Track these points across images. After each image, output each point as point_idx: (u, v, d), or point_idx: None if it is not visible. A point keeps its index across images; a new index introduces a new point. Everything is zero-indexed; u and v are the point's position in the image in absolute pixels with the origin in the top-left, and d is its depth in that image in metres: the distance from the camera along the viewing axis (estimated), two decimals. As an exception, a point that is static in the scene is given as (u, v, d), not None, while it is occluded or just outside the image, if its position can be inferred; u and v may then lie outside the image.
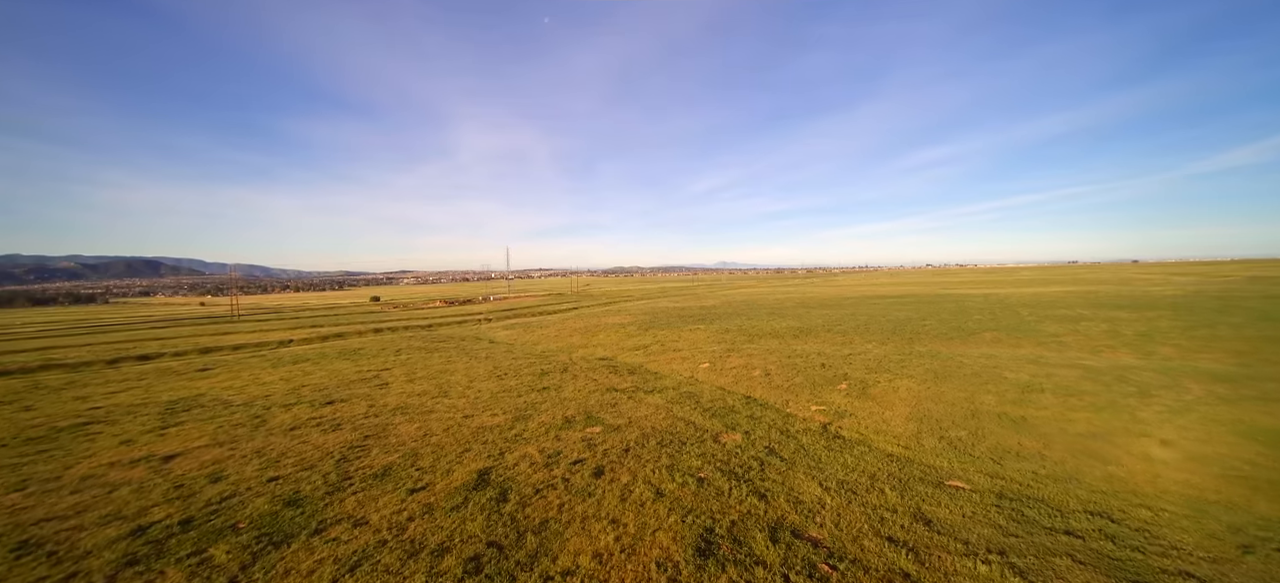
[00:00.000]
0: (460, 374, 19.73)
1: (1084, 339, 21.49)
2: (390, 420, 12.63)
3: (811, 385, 15.98)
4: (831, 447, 10.29)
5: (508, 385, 17.16)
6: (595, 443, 10.34)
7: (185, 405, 16.08)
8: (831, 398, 14.42)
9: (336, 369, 22.20)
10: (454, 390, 16.55)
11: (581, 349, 27.05)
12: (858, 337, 25.77)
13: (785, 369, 18.50)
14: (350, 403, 15.10)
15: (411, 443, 10.67)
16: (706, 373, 18.94)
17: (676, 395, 15.22)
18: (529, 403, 14.35)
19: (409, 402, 14.93)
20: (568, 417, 12.56)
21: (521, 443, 10.48)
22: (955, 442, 10.36)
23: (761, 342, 25.93)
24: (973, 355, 19.09)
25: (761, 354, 21.80)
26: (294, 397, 16.53)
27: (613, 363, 21.86)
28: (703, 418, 12.38)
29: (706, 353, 23.09)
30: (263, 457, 10.19)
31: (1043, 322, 27.86)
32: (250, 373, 22.35)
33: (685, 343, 26.89)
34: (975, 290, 62.71)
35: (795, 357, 20.83)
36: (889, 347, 22.40)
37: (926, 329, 27.20)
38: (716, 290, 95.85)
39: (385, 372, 20.86)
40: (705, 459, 9.34)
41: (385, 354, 26.59)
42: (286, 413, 14.08)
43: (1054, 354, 18.67)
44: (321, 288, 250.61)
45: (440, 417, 12.84)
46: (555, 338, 31.99)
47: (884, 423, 11.89)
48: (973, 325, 27.62)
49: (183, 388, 19.44)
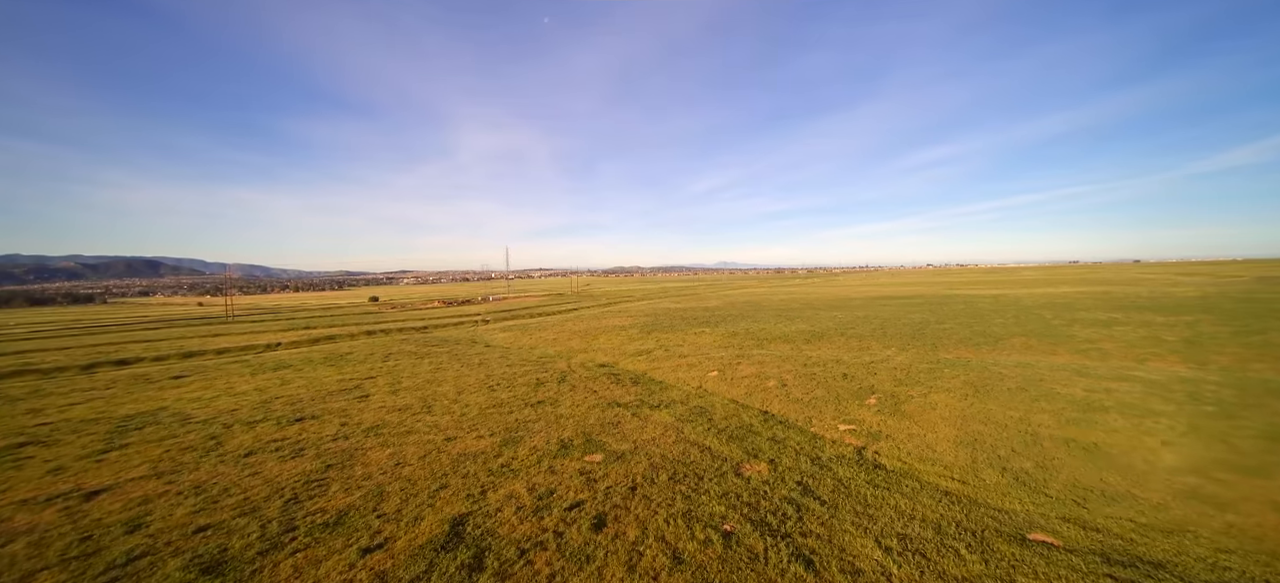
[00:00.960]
0: (449, 384, 18.12)
1: (1124, 346, 19.86)
2: (361, 445, 11.01)
3: (835, 399, 14.37)
4: (875, 481, 8.68)
5: (499, 398, 15.55)
6: (596, 478, 8.73)
7: (141, 422, 14.47)
8: (861, 415, 12.81)
9: (317, 377, 20.59)
10: (439, 404, 14.93)
11: (581, 354, 25.45)
12: (875, 342, 24.16)
13: (803, 380, 16.89)
14: (321, 420, 13.49)
15: (379, 476, 9.07)
16: (716, 383, 17.34)
17: (686, 411, 13.61)
18: (521, 421, 12.73)
19: (387, 419, 13.32)
20: (564, 440, 10.95)
21: (508, 477, 8.87)
22: (1022, 476, 8.75)
23: (772, 347, 24.33)
24: (1007, 365, 17.46)
25: (774, 361, 20.18)
26: (262, 411, 14.93)
27: (614, 370, 20.25)
28: (719, 442, 10.77)
29: (714, 359, 21.48)
30: (201, 494, 8.59)
31: (1070, 326, 26.23)
32: (225, 381, 20.75)
33: (691, 348, 25.29)
34: (983, 291, 61.06)
35: (812, 365, 19.21)
36: (911, 354, 20.79)
37: (947, 334, 25.58)
38: (718, 291, 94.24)
39: (368, 381, 19.24)
40: (729, 502, 7.73)
41: (373, 360, 24.99)
42: (247, 433, 12.48)
43: (1098, 364, 17.04)
44: (321, 288, 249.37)
45: (419, 440, 11.23)
46: (554, 342, 30.39)
47: (929, 448, 10.28)
48: (997, 330, 25.98)
49: (148, 399, 17.84)
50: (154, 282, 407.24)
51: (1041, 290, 57.95)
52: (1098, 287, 61.63)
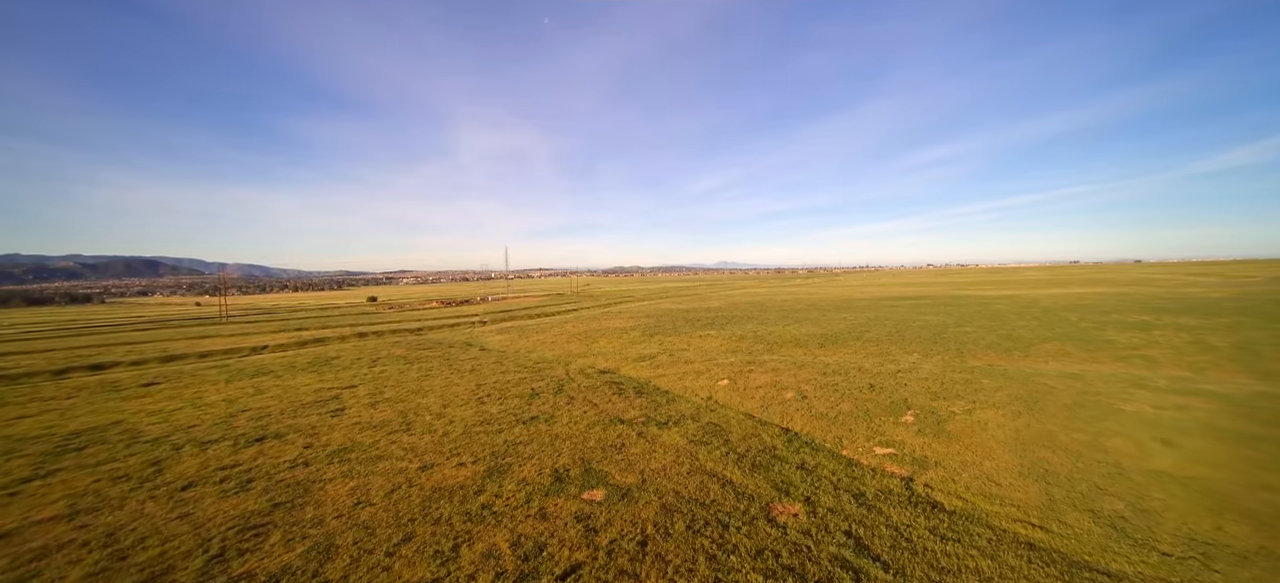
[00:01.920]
0: (436, 395, 16.52)
1: (1172, 353, 18.24)
2: (320, 475, 9.41)
3: (866, 415, 12.76)
4: (939, 529, 7.08)
5: (488, 413, 13.94)
6: (596, 526, 7.13)
7: (87, 440, 12.88)
8: (898, 435, 11.21)
9: (295, 386, 19.00)
10: (420, 421, 13.33)
11: (580, 359, 23.85)
12: (894, 347, 22.54)
13: (825, 391, 15.28)
14: (284, 441, 11.89)
15: (332, 522, 7.47)
16: (728, 393, 15.73)
17: (698, 430, 12.01)
18: (511, 443, 11.13)
19: (358, 440, 11.71)
20: (559, 469, 9.35)
21: (489, 525, 7.26)
22: (1119, 522, 7.15)
23: (784, 352, 22.72)
24: (1051, 375, 15.85)
25: (789, 369, 18.57)
26: (222, 428, 13.33)
27: (616, 378, 18.65)
28: (741, 472, 9.17)
29: (723, 366, 19.87)
30: (111, 547, 7.00)
31: (1102, 329, 24.59)
32: (196, 390, 19.15)
33: (697, 352, 23.68)
34: (994, 292, 59.42)
35: (831, 373, 17.59)
36: (937, 361, 19.17)
37: (970, 338, 23.95)
38: (719, 291, 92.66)
39: (348, 391, 17.64)
40: (765, 564, 6.14)
41: (358, 365, 23.40)
42: (197, 457, 10.88)
43: (1152, 374, 15.43)
44: (321, 288, 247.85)
45: (389, 469, 9.63)
46: (552, 345, 28.79)
47: (990, 480, 8.68)
48: (1024, 334, 24.35)
49: (107, 411, 16.25)
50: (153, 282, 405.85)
51: (1054, 291, 56.34)
52: (1110, 287, 60.02)
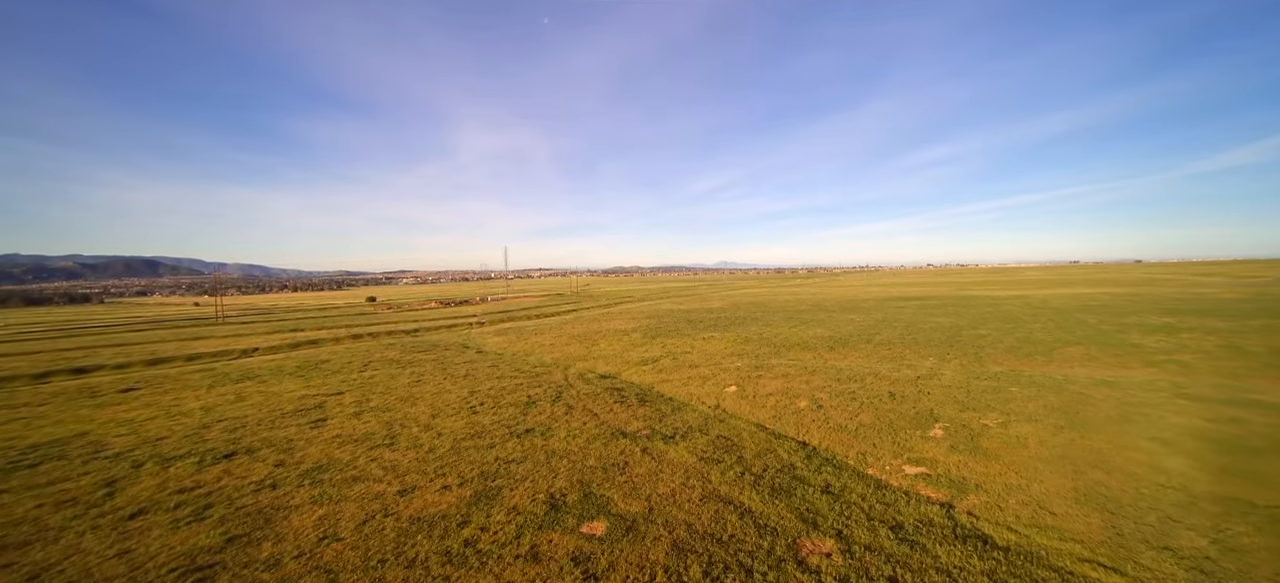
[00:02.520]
0: (425, 403, 15.52)
1: (1206, 358, 17.23)
2: (287, 500, 8.41)
3: (889, 428, 11.75)
4: (996, 571, 6.09)
5: (480, 424, 12.94)
6: (597, 569, 6.14)
7: (44, 455, 11.88)
8: (928, 451, 10.21)
9: (278, 393, 18.01)
10: (406, 434, 12.32)
11: (580, 363, 22.87)
12: (908, 351, 21.54)
13: (841, 399, 14.27)
14: (255, 457, 10.90)
15: (290, 562, 6.49)
16: (737, 401, 14.73)
17: (708, 444, 11.01)
18: (502, 461, 10.13)
19: (335, 456, 10.71)
20: (555, 495, 8.35)
21: (471, 569, 6.27)
22: (1205, 564, 6.15)
23: (792, 356, 21.71)
24: (1081, 382, 14.84)
25: (800, 375, 17.56)
26: (192, 442, 12.33)
27: (618, 384, 17.66)
28: (760, 498, 8.17)
29: (730, 371, 18.88)
30: (31, 593, 6.02)
31: (1124, 332, 23.60)
32: (175, 396, 18.16)
33: (701, 355, 22.70)
34: (1001, 292, 58.41)
35: (845, 379, 16.59)
36: (955, 365, 18.18)
37: (986, 341, 22.94)
38: (720, 291, 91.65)
39: (333, 398, 16.64)
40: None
41: (348, 370, 22.40)
42: (156, 477, 9.89)
43: (1193, 381, 14.43)
44: (321, 288, 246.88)
45: (365, 493, 8.63)
46: (551, 347, 27.80)
47: (1041, 507, 7.68)
48: (1042, 337, 23.34)
49: (76, 420, 15.26)
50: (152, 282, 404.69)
51: (1062, 291, 55.34)
52: (1118, 287, 58.99)
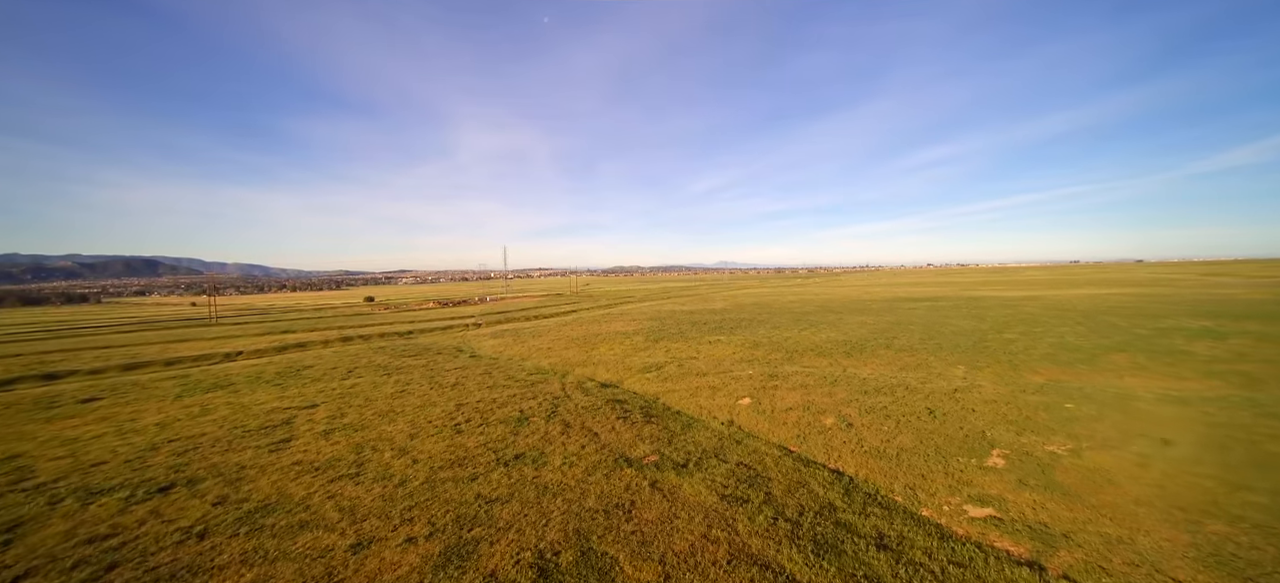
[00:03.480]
0: (406, 419, 13.92)
1: (1270, 367, 15.62)
2: (214, 557, 6.81)
3: (938, 453, 10.16)
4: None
5: (464, 448, 11.35)
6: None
7: (-40, 483, 10.32)
8: (991, 486, 8.62)
9: (249, 404, 16.43)
10: (376, 460, 10.74)
11: (579, 369, 21.29)
12: (933, 358, 19.93)
13: (872, 416, 12.67)
14: (196, 489, 9.31)
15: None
16: (753, 416, 13.12)
17: (728, 476, 9.43)
18: (483, 502, 8.54)
19: (288, 491, 9.12)
20: (545, 553, 6.75)
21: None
22: None
23: (807, 362, 20.10)
24: (1145, 398, 13.23)
25: (821, 385, 15.96)
26: (132, 470, 10.75)
27: (620, 394, 16.07)
28: (803, 558, 6.57)
29: (742, 380, 17.28)
30: None
31: (1166, 336, 21.99)
32: (135, 409, 16.60)
33: (708, 361, 21.10)
34: (1012, 292, 56.78)
35: (872, 391, 14.97)
36: (991, 375, 16.57)
37: (1016, 347, 21.31)
38: (722, 291, 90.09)
39: (306, 413, 15.05)
40: None
41: (330, 377, 20.82)
42: (71, 518, 8.30)
43: (1266, 395, 12.82)
44: (320, 288, 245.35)
45: (311, 546, 7.04)
46: (548, 351, 26.22)
47: (1156, 569, 6.10)
48: (1079, 342, 21.73)
49: (17, 438, 13.64)
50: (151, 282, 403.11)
51: (1076, 292, 53.70)
52: (1133, 288, 57.36)
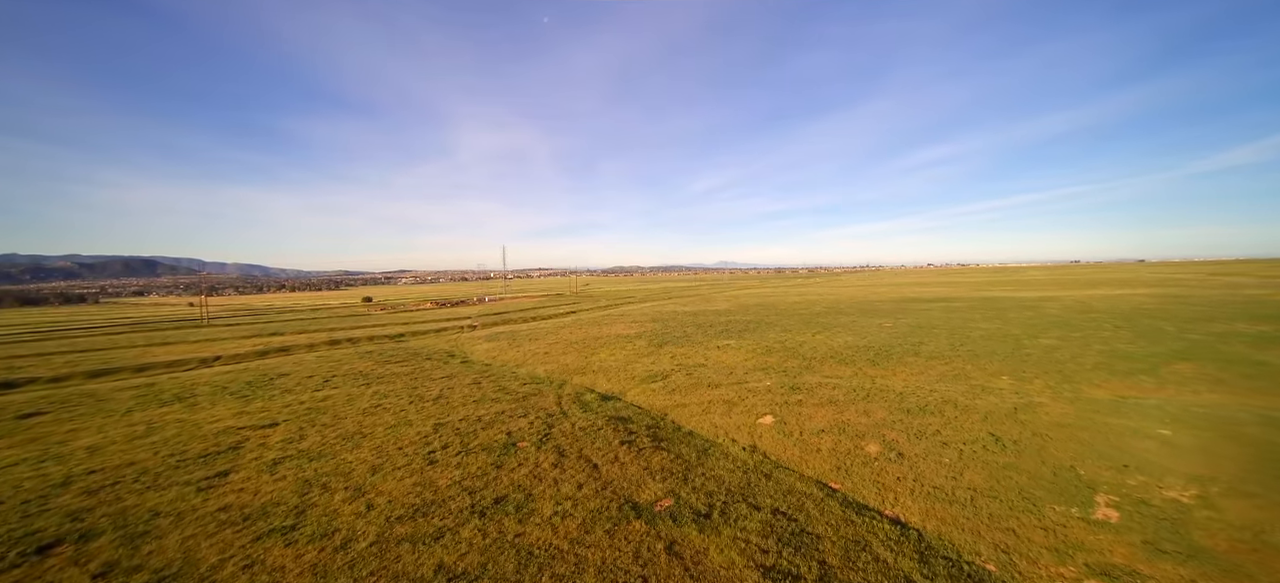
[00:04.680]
0: (372, 444, 11.93)
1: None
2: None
3: (1021, 497, 8.17)
4: None
5: (434, 488, 9.36)
6: None
7: None
8: (1112, 550, 6.65)
9: (201, 422, 14.46)
10: (322, 505, 8.74)
11: (578, 377, 19.32)
12: (970, 366, 17.93)
13: (922, 442, 10.67)
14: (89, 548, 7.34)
15: None
16: (779, 440, 11.13)
17: (763, 528, 7.45)
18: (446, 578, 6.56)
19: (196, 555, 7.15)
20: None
21: None
22: None
23: (828, 371, 18.10)
24: (1247, 418, 11.21)
25: (852, 401, 13.95)
26: (29, 512, 8.78)
27: (622, 409, 14.08)
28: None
29: (759, 392, 15.28)
30: None
31: (1223, 342, 19.99)
32: (72, 428, 14.62)
33: (718, 369, 19.11)
34: (1028, 293, 54.73)
35: (914, 409, 12.96)
36: (1043, 387, 14.58)
37: (1062, 355, 19.26)
38: (723, 291, 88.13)
39: (260, 433, 13.07)
40: None
41: (303, 389, 18.85)
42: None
43: (1392, 417, 10.86)
44: (319, 288, 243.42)
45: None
46: (545, 357, 24.24)
47: None
48: (1128, 349, 19.73)
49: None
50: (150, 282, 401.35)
51: (1094, 293, 51.64)
52: (1153, 288, 55.27)
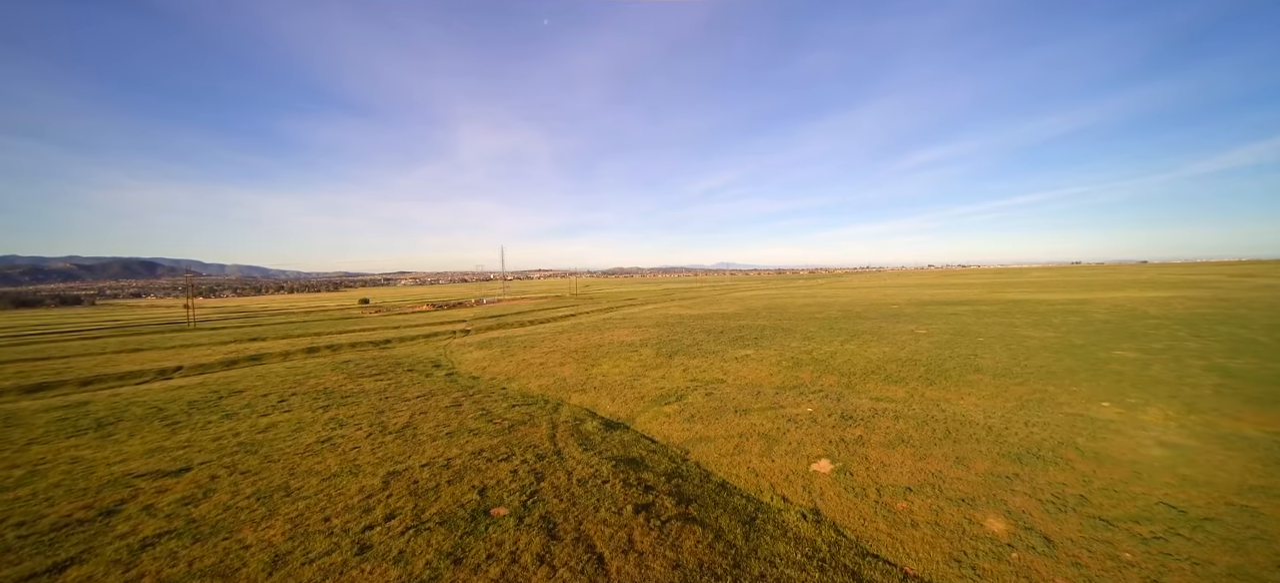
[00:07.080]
0: (297, 508, 8.87)
1: None
2: None
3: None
4: None
5: (367, 584, 6.31)
6: None
7: None
8: None
9: (98, 464, 11.41)
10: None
11: (577, 396, 16.29)
12: (1050, 386, 14.84)
13: (1073, 518, 7.61)
14: None
15: None
16: (851, 503, 8.05)
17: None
18: None
19: None
20: None
21: None
22: None
23: (876, 391, 15.01)
24: None
25: (931, 439, 10.85)
26: None
27: (633, 446, 11.02)
28: None
29: (801, 422, 12.20)
30: None
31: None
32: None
33: (741, 387, 16.02)
34: (1053, 296, 51.45)
35: (1028, 456, 9.86)
36: (1160, 415, 11.48)
37: (1156, 373, 16.13)
38: (727, 293, 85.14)
39: (161, 483, 10.02)
40: None
41: (253, 411, 15.84)
42: None
43: None
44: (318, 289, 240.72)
45: None
46: (540, 368, 21.20)
47: None
48: (1236, 366, 16.63)
49: None
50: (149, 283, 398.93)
51: (1121, 295, 48.38)
52: (1179, 290, 51.97)
